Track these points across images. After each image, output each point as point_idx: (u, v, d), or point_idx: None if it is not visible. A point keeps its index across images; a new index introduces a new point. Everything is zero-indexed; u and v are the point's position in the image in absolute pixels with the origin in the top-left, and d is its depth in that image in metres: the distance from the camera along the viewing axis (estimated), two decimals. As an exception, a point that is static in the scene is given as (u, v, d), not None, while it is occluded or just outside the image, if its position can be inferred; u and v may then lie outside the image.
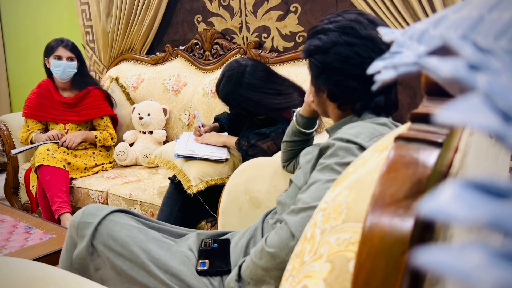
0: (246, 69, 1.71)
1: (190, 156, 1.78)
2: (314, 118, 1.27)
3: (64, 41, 2.50)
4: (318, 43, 1.01)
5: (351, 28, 0.98)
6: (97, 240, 1.05)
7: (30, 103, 2.54)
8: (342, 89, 1.01)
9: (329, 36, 1.00)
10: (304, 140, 1.31)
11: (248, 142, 1.73)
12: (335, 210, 0.56)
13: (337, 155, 0.91)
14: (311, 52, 1.03)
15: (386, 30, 0.40)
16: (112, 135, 2.58)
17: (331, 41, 0.99)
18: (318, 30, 1.03)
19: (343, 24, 0.99)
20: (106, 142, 2.55)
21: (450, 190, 0.22)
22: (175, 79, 2.62)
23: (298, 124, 1.28)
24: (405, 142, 0.44)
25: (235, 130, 1.97)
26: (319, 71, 1.04)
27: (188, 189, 1.72)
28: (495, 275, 0.18)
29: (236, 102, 1.72)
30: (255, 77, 1.70)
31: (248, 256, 0.99)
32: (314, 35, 1.04)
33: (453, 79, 0.25)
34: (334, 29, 1.00)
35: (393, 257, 0.40)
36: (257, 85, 1.69)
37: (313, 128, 1.29)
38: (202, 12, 2.64)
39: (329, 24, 1.01)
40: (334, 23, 1.01)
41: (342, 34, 0.99)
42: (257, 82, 1.70)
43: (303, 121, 1.27)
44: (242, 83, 1.69)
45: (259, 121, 1.86)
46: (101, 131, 2.56)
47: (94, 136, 2.51)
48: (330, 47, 1.00)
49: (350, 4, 2.06)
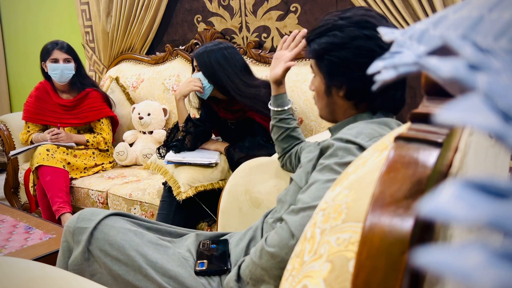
0: (231, 46, 1.85)
1: (180, 162, 1.79)
2: (278, 95, 1.34)
3: (59, 43, 2.47)
4: (334, 39, 0.99)
5: (367, 22, 0.97)
6: (93, 246, 1.04)
7: (29, 106, 2.53)
8: (365, 84, 0.97)
9: (346, 31, 0.98)
10: (284, 120, 1.35)
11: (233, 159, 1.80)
12: (335, 210, 0.56)
13: (336, 155, 0.91)
14: (325, 49, 1.00)
15: (386, 30, 0.40)
16: (106, 139, 2.55)
17: (350, 36, 0.97)
18: (329, 28, 1.00)
19: (358, 19, 0.98)
20: (99, 146, 2.54)
21: (450, 190, 0.21)
22: (175, 79, 2.62)
23: (271, 105, 1.36)
24: (405, 142, 0.44)
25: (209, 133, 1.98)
26: (336, 68, 1.01)
27: (177, 196, 1.73)
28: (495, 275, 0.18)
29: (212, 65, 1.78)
30: (235, 58, 1.81)
31: (248, 256, 0.99)
32: (323, 33, 1.01)
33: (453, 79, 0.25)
34: (349, 24, 0.98)
35: (393, 257, 0.40)
36: (233, 63, 1.79)
37: (286, 105, 1.35)
38: (202, 12, 2.64)
39: (340, 21, 0.99)
40: (345, 20, 0.99)
41: (360, 28, 0.97)
42: (234, 61, 1.80)
43: (273, 100, 1.36)
44: (224, 52, 1.79)
45: (233, 124, 1.91)
46: (95, 135, 2.54)
47: (86, 141, 2.50)
48: (348, 42, 0.97)
49: (350, 4, 2.06)
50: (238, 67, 1.79)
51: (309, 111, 2.01)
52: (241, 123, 1.88)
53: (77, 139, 2.48)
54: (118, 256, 1.03)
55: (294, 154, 1.37)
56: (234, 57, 1.80)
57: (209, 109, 1.94)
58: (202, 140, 1.91)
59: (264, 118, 1.76)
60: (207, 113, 1.95)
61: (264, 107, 1.74)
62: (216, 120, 1.95)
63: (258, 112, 1.77)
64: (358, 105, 1.03)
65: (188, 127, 1.86)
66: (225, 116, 1.90)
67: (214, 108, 1.92)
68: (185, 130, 1.86)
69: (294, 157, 1.37)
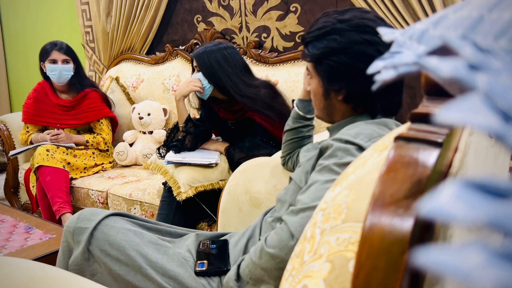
0: (231, 46, 1.85)
1: (180, 162, 1.79)
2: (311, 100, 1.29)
3: (57, 44, 2.47)
4: (333, 44, 0.98)
5: (367, 26, 0.96)
6: (93, 246, 1.04)
7: (28, 108, 2.53)
8: (365, 89, 0.95)
9: (346, 36, 0.96)
10: (305, 126, 1.33)
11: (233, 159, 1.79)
12: (335, 210, 0.56)
13: (335, 156, 0.91)
14: (324, 54, 0.99)
15: (386, 30, 0.40)
16: (105, 139, 2.55)
17: (350, 40, 0.96)
18: (328, 31, 0.98)
19: (357, 23, 0.96)
20: (99, 147, 2.54)
21: (450, 190, 0.21)
22: (175, 79, 2.62)
23: (298, 108, 1.31)
24: (405, 142, 0.44)
25: (209, 133, 1.98)
26: (335, 73, 1.00)
27: (177, 196, 1.73)
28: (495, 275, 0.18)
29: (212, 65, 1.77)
30: (235, 58, 1.81)
31: (248, 255, 0.99)
32: (322, 36, 0.99)
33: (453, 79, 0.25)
34: (349, 28, 0.96)
35: (393, 257, 0.40)
36: (233, 63, 1.79)
37: (312, 113, 1.30)
38: (202, 12, 2.64)
39: (339, 24, 0.97)
40: (344, 23, 0.97)
41: (361, 32, 0.96)
42: (234, 61, 1.80)
43: (303, 104, 1.30)
44: (224, 52, 1.79)
45: (233, 124, 1.90)
46: (95, 135, 2.54)
47: (85, 141, 2.50)
48: (349, 47, 0.96)
49: (350, 4, 2.06)
50: (238, 67, 1.79)
51: (309, 111, 2.01)
52: (241, 123, 1.88)
53: (77, 139, 2.48)
54: (118, 256, 1.03)
55: (296, 154, 1.37)
56: (234, 57, 1.80)
57: (209, 109, 1.94)
58: (202, 140, 1.91)
59: (264, 118, 1.75)
60: (207, 113, 1.94)
61: (264, 107, 1.74)
62: (216, 120, 1.95)
63: (258, 112, 1.77)
64: (357, 108, 1.03)
65: (188, 127, 1.85)
66: (225, 116, 1.90)
67: (214, 108, 1.92)
68: (185, 131, 1.86)
69: (296, 157, 1.37)
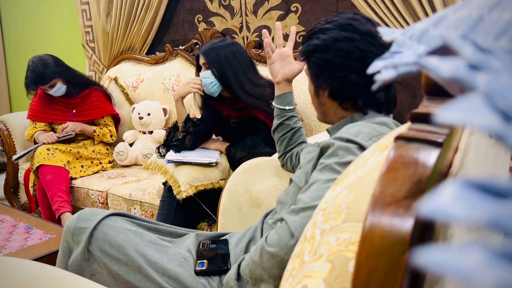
0: (236, 42, 1.86)
1: (180, 161, 1.79)
2: (287, 93, 1.34)
3: (34, 79, 2.37)
4: (317, 42, 1.04)
5: (349, 25, 1.02)
6: (93, 246, 1.04)
7: (33, 105, 2.57)
8: (345, 84, 1.03)
9: (329, 34, 1.03)
10: (289, 118, 1.35)
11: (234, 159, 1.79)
12: (335, 210, 0.56)
13: (336, 155, 0.91)
14: (310, 51, 1.06)
15: (386, 30, 0.40)
16: (111, 132, 2.59)
17: (331, 38, 1.02)
18: (316, 31, 1.06)
19: (341, 22, 1.03)
20: (105, 138, 2.56)
21: (450, 190, 0.21)
22: (175, 79, 2.62)
23: (276, 104, 1.35)
24: (405, 142, 0.44)
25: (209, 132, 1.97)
26: (320, 69, 1.06)
27: (177, 195, 1.73)
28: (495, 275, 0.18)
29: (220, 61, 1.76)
30: (243, 55, 1.81)
31: (248, 254, 0.99)
32: (311, 36, 1.07)
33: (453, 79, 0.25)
34: (333, 27, 1.03)
35: (393, 257, 0.39)
36: (241, 59, 1.79)
37: (291, 105, 1.34)
38: (202, 12, 2.64)
39: (326, 24, 1.05)
40: (331, 23, 1.04)
41: (342, 30, 1.02)
42: (242, 57, 1.80)
43: (279, 100, 1.35)
44: (232, 48, 1.78)
45: (235, 123, 1.90)
46: (101, 126, 2.57)
47: (93, 130, 2.53)
48: (330, 44, 1.03)
49: (351, 4, 2.06)
50: (246, 64, 1.80)
51: (309, 111, 2.01)
52: (244, 121, 1.87)
53: (85, 128, 2.51)
54: (118, 256, 1.03)
55: (295, 154, 1.37)
56: (241, 53, 1.81)
57: (211, 108, 1.94)
58: (202, 139, 1.90)
59: (268, 116, 1.74)
60: (209, 112, 1.94)
61: (268, 106, 1.73)
62: (218, 120, 1.94)
63: (262, 111, 1.76)
64: (343, 105, 1.07)
65: (188, 127, 1.85)
66: (228, 113, 1.89)
67: (217, 107, 1.92)
68: (185, 130, 1.85)
69: (295, 157, 1.37)
